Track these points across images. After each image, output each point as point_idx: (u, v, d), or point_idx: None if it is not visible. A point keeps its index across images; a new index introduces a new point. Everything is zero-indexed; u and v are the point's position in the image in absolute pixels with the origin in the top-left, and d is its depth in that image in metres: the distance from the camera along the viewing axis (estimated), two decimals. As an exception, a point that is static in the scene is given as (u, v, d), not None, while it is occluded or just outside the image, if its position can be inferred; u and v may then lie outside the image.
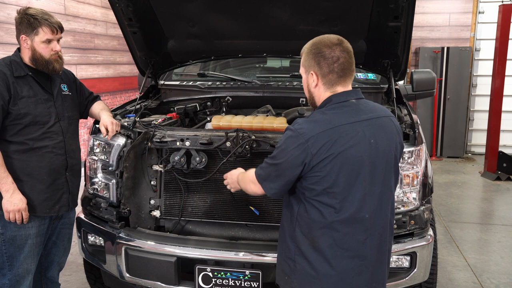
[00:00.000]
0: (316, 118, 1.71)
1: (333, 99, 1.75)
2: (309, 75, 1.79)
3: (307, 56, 1.79)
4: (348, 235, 1.71)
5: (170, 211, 2.70)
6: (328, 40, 1.76)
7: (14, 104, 2.34)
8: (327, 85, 1.77)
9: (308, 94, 1.86)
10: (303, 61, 1.82)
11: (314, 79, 1.77)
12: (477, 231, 4.83)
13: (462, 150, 8.45)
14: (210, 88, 3.43)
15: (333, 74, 1.74)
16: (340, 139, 1.66)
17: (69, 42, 6.82)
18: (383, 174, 1.76)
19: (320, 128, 1.66)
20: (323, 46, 1.75)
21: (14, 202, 2.33)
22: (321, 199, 1.69)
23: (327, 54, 1.73)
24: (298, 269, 1.77)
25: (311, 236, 1.73)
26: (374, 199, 1.74)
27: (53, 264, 2.77)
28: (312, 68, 1.77)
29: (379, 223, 1.77)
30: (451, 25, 8.69)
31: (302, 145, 1.65)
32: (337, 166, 1.65)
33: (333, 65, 1.73)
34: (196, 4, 2.89)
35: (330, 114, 1.71)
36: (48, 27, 2.37)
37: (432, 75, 3.71)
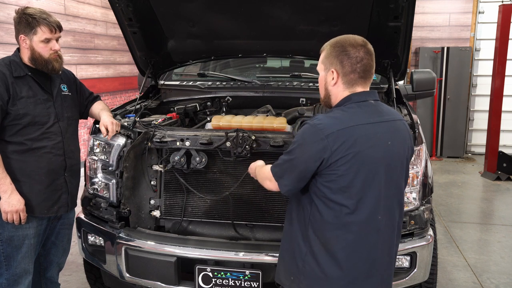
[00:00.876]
0: (336, 115, 1.70)
1: (353, 98, 1.74)
2: (328, 72, 1.77)
3: (330, 53, 1.76)
4: (362, 237, 1.70)
5: (170, 211, 2.70)
6: (354, 40, 1.76)
7: (13, 104, 2.34)
8: (346, 84, 1.75)
9: (324, 91, 1.83)
10: (324, 58, 1.79)
11: (334, 77, 1.75)
12: (477, 231, 4.83)
13: (462, 150, 8.45)
14: (210, 88, 3.43)
15: (354, 74, 1.73)
16: (360, 139, 1.65)
17: (69, 42, 6.82)
18: (397, 176, 1.76)
19: (340, 125, 1.65)
20: (348, 45, 1.73)
21: (12, 203, 2.33)
22: (336, 198, 1.67)
23: (352, 54, 1.72)
24: (307, 270, 1.75)
25: (324, 238, 1.71)
26: (388, 201, 1.73)
27: (53, 264, 2.77)
28: (334, 66, 1.75)
29: (390, 226, 1.77)
30: (451, 25, 8.69)
31: (322, 140, 1.63)
32: (355, 165, 1.64)
33: (356, 65, 1.72)
34: (196, 4, 2.89)
35: (351, 112, 1.71)
36: (47, 27, 2.37)
37: (432, 75, 3.71)
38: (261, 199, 2.56)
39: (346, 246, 1.69)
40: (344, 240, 1.69)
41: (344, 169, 1.63)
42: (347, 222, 1.68)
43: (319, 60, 1.82)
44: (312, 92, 3.25)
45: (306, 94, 3.25)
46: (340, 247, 1.69)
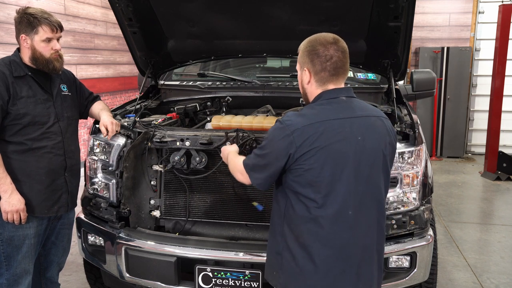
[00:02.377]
0: (304, 112, 1.75)
1: (324, 95, 1.79)
2: (303, 71, 1.83)
3: (303, 53, 1.83)
4: (333, 232, 1.71)
5: (170, 211, 2.70)
6: (324, 38, 1.80)
7: (13, 104, 2.34)
8: (319, 83, 1.80)
9: (301, 90, 1.90)
10: (299, 58, 1.86)
11: (307, 76, 1.81)
12: (477, 231, 4.83)
13: (462, 150, 8.45)
14: (210, 88, 3.43)
15: (325, 72, 1.77)
16: (326, 133, 1.68)
17: (69, 42, 6.82)
18: (369, 172, 1.75)
19: (306, 121, 1.70)
20: (317, 44, 1.78)
21: (12, 202, 2.33)
22: (305, 192, 1.70)
23: (321, 52, 1.76)
24: (284, 264, 1.79)
25: (297, 231, 1.75)
26: (358, 196, 1.73)
27: (53, 264, 2.77)
28: (306, 65, 1.81)
29: (364, 222, 1.76)
30: (451, 25, 8.69)
31: (288, 136, 1.68)
32: (321, 159, 1.67)
33: (326, 63, 1.76)
34: (196, 4, 2.89)
35: (319, 109, 1.76)
36: (48, 26, 2.37)
37: (432, 75, 3.71)
38: (261, 199, 2.56)
39: (318, 240, 1.71)
40: (316, 234, 1.71)
41: (310, 163, 1.67)
42: (316, 216, 1.70)
43: (297, 62, 1.90)
44: (312, 92, 3.24)
45: (306, 94, 3.24)
46: (312, 241, 1.72)
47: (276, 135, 1.73)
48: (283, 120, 1.74)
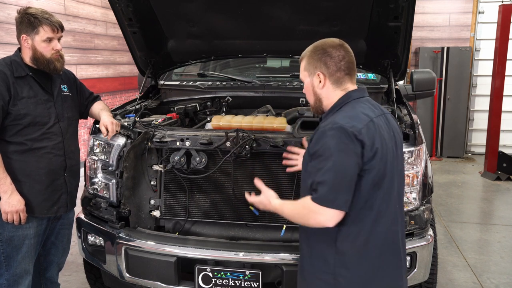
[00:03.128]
0: (352, 114, 1.70)
1: (352, 94, 1.78)
2: (314, 76, 1.81)
3: (311, 58, 1.81)
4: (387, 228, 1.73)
5: (170, 211, 2.70)
6: (331, 41, 1.82)
7: (14, 104, 2.34)
8: (336, 84, 1.79)
9: (313, 97, 1.85)
10: (306, 65, 1.84)
11: (322, 79, 1.79)
12: (477, 231, 4.82)
13: (462, 150, 8.45)
14: (210, 88, 3.43)
15: (340, 72, 1.78)
16: (380, 131, 1.70)
17: (69, 42, 6.82)
18: (399, 166, 1.82)
19: (363, 120, 1.67)
20: (328, 47, 1.79)
21: (12, 203, 2.33)
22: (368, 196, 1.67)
23: (334, 53, 1.77)
24: (341, 283, 1.71)
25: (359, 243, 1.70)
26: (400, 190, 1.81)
27: (52, 264, 2.77)
28: (319, 68, 1.79)
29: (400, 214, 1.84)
30: (451, 25, 8.69)
31: (357, 139, 1.62)
32: (384, 158, 1.68)
33: (340, 63, 1.77)
34: (196, 4, 2.89)
35: (360, 108, 1.74)
36: (49, 26, 2.37)
37: (432, 75, 3.71)
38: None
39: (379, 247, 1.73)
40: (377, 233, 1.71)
41: (373, 164, 1.65)
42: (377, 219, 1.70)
43: (301, 69, 1.87)
44: (312, 92, 3.24)
45: (306, 94, 3.24)
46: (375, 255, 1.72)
47: (343, 141, 1.61)
48: (340, 125, 1.63)
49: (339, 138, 1.62)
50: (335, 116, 1.72)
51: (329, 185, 1.61)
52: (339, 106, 1.77)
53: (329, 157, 1.62)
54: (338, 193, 1.62)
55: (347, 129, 1.62)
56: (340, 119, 1.67)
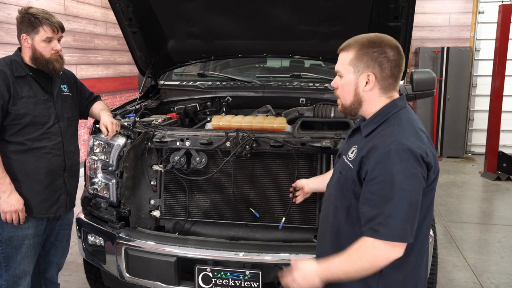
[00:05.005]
0: (412, 131, 1.54)
1: (399, 104, 1.61)
2: (361, 76, 1.58)
3: (364, 54, 1.57)
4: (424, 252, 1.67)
5: (170, 211, 2.70)
6: (389, 39, 1.60)
7: (14, 104, 2.34)
8: (383, 90, 1.59)
9: (352, 98, 1.63)
10: (353, 59, 1.59)
11: (371, 82, 1.57)
12: (477, 231, 4.82)
13: (462, 150, 8.45)
14: (210, 88, 3.43)
15: (392, 78, 1.58)
16: (431, 146, 1.56)
17: (69, 42, 6.82)
18: None
19: (425, 139, 1.54)
20: (386, 46, 1.57)
21: (11, 203, 2.33)
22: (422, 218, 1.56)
23: (391, 55, 1.56)
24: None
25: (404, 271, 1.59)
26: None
27: (52, 265, 2.77)
28: (371, 69, 1.56)
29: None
30: (451, 25, 8.69)
31: (423, 161, 1.47)
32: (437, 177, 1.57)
33: (395, 68, 1.57)
34: (196, 4, 2.89)
35: (413, 121, 1.58)
36: (49, 26, 2.37)
37: (432, 75, 3.70)
38: (261, 200, 2.56)
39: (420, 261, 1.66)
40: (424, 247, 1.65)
41: (434, 185, 1.55)
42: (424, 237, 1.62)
43: (343, 61, 1.62)
44: (312, 92, 3.24)
45: (306, 94, 3.25)
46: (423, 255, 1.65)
47: (410, 166, 1.44)
48: (408, 146, 1.45)
49: (407, 162, 1.44)
50: (394, 132, 1.51)
51: (401, 217, 1.43)
52: (385, 117, 1.58)
53: (398, 185, 1.42)
54: (408, 224, 1.45)
55: (415, 152, 1.45)
56: (404, 138, 1.48)
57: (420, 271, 1.68)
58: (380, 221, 1.44)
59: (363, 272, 1.49)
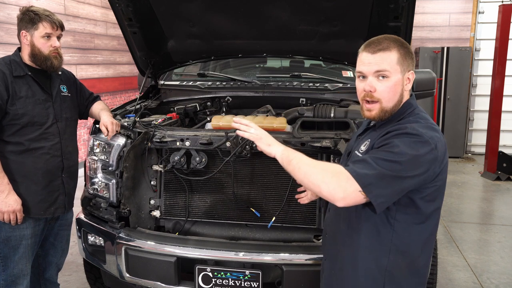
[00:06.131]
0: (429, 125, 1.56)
1: (413, 103, 1.65)
2: (405, 75, 1.60)
3: (406, 53, 1.59)
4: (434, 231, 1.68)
5: (170, 211, 2.70)
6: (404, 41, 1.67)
7: (12, 104, 2.33)
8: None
9: (397, 98, 1.61)
10: (400, 59, 1.58)
11: (411, 80, 1.62)
12: (477, 231, 4.83)
13: (462, 150, 8.45)
14: (210, 88, 3.43)
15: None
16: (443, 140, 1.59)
17: (69, 42, 6.83)
18: None
19: (439, 133, 1.56)
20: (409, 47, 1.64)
21: (9, 203, 2.33)
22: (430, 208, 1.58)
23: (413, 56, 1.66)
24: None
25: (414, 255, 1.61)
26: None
27: (51, 265, 2.77)
28: (412, 67, 1.61)
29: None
30: (451, 25, 8.69)
31: (433, 151, 1.49)
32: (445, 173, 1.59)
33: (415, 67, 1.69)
34: (196, 4, 2.89)
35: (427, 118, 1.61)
36: (49, 23, 2.38)
37: (432, 75, 3.70)
38: (261, 199, 2.56)
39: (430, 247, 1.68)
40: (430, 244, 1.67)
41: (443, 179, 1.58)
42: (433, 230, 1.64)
43: (390, 61, 1.58)
44: (312, 92, 3.24)
45: (306, 94, 3.25)
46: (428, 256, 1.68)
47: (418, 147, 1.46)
48: (419, 132, 1.49)
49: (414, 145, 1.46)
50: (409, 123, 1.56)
51: (376, 171, 1.44)
52: (402, 115, 1.61)
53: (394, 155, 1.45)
54: (381, 184, 1.44)
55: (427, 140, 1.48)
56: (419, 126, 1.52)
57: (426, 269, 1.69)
58: (357, 161, 1.50)
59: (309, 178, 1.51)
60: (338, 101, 3.11)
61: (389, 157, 1.45)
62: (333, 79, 3.43)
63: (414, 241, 1.60)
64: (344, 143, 2.34)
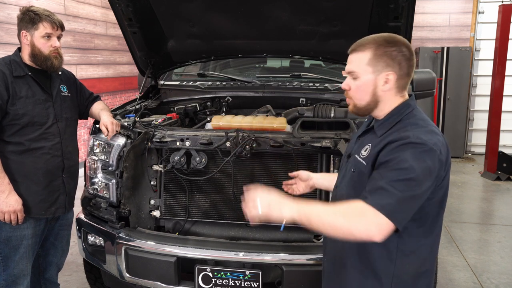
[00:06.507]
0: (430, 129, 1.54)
1: (411, 104, 1.61)
2: (380, 75, 1.56)
3: (382, 53, 1.55)
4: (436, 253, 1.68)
5: (170, 211, 2.70)
6: (402, 38, 1.60)
7: (13, 104, 2.33)
8: (399, 89, 1.59)
9: (370, 97, 1.60)
10: (371, 59, 1.56)
11: (390, 81, 1.56)
12: (477, 231, 4.83)
13: (462, 150, 8.45)
14: (210, 88, 3.43)
15: (408, 77, 1.58)
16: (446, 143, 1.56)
17: (69, 42, 6.83)
18: None
19: (441, 137, 1.54)
20: (401, 44, 1.57)
21: (9, 203, 2.33)
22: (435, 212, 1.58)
23: (408, 55, 1.56)
24: None
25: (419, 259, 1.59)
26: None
27: (52, 265, 2.77)
28: (391, 68, 1.55)
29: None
30: (451, 25, 8.69)
31: (438, 157, 1.48)
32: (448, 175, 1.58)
33: (411, 68, 1.56)
34: (196, 4, 2.89)
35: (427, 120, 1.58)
36: (49, 23, 2.38)
37: (432, 75, 3.70)
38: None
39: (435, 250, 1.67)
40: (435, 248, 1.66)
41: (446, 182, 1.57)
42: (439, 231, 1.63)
43: (360, 62, 1.58)
44: (312, 92, 3.24)
45: (306, 94, 3.25)
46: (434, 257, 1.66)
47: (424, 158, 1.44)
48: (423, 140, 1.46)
49: (420, 155, 1.44)
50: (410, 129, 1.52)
51: (396, 197, 1.40)
52: (399, 117, 1.58)
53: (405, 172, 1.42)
54: (403, 208, 1.42)
55: (432, 148, 1.46)
56: (421, 133, 1.49)
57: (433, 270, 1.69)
58: (374, 191, 1.43)
59: (336, 228, 1.44)
60: (338, 101, 3.11)
61: (402, 176, 1.42)
62: (333, 79, 3.43)
63: (421, 244, 1.58)
64: (344, 143, 2.34)
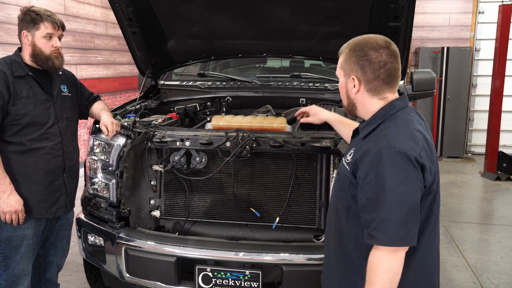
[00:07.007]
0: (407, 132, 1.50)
1: (397, 104, 1.58)
2: (349, 79, 1.60)
3: (349, 58, 1.59)
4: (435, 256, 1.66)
5: (170, 211, 2.70)
6: (375, 42, 1.57)
7: (13, 104, 2.33)
8: (372, 92, 1.58)
9: (346, 99, 1.66)
10: (342, 63, 1.62)
11: (356, 85, 1.58)
12: (477, 231, 4.83)
13: (462, 150, 8.45)
14: (210, 88, 3.43)
15: (378, 81, 1.56)
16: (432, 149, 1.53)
17: (69, 42, 6.83)
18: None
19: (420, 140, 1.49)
20: (368, 49, 1.56)
21: (10, 203, 2.33)
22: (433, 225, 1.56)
23: (374, 58, 1.54)
24: None
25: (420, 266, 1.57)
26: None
27: (52, 265, 2.77)
28: (354, 72, 1.57)
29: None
30: (451, 25, 8.69)
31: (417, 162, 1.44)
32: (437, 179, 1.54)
33: (379, 70, 1.54)
34: (196, 4, 2.89)
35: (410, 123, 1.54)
36: (50, 23, 2.38)
37: (432, 75, 3.71)
38: (261, 200, 2.56)
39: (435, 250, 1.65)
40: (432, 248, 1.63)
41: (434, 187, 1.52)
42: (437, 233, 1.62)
43: (338, 64, 1.66)
44: (312, 92, 3.25)
45: (306, 94, 3.25)
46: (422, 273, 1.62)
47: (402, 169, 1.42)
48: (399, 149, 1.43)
49: (399, 165, 1.42)
50: (387, 135, 1.49)
51: (395, 221, 1.41)
52: (383, 118, 1.57)
53: (391, 188, 1.41)
54: (404, 228, 1.42)
55: (408, 154, 1.42)
56: (396, 140, 1.45)
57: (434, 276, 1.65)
58: (375, 226, 1.44)
59: (389, 285, 1.45)
60: (338, 101, 3.11)
61: (390, 196, 1.41)
62: (333, 79, 3.43)
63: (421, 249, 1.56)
64: (344, 143, 2.34)
